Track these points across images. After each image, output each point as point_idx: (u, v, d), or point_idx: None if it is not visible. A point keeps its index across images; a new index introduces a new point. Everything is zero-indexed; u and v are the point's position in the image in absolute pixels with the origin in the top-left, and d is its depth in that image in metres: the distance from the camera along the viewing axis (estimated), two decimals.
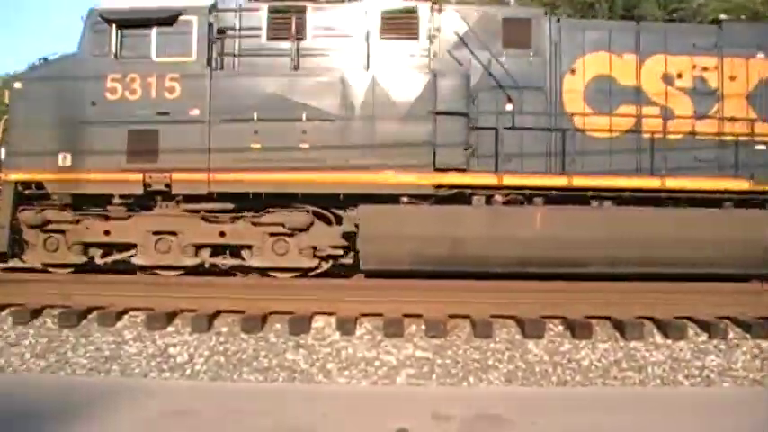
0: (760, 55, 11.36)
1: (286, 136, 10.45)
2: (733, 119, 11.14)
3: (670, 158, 10.99)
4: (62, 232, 10.97)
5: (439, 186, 10.67)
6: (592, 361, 7.49)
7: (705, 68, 11.32)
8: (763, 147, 11.16)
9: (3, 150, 11.05)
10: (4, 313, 8.61)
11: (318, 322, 8.25)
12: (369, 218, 10.44)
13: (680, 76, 11.30)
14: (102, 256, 11.10)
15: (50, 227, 10.98)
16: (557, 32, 11.33)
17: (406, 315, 8.27)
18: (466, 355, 7.55)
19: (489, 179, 10.68)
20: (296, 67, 10.80)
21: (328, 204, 10.84)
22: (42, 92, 10.69)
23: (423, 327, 8.08)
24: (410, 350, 7.71)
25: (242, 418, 5.72)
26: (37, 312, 8.54)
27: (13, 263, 11.26)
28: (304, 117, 10.49)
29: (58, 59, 11.12)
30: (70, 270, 10.89)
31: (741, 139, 11.11)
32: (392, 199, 10.53)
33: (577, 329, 7.90)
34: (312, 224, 10.96)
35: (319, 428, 5.50)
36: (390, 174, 10.46)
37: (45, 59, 11.18)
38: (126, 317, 8.47)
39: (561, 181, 10.72)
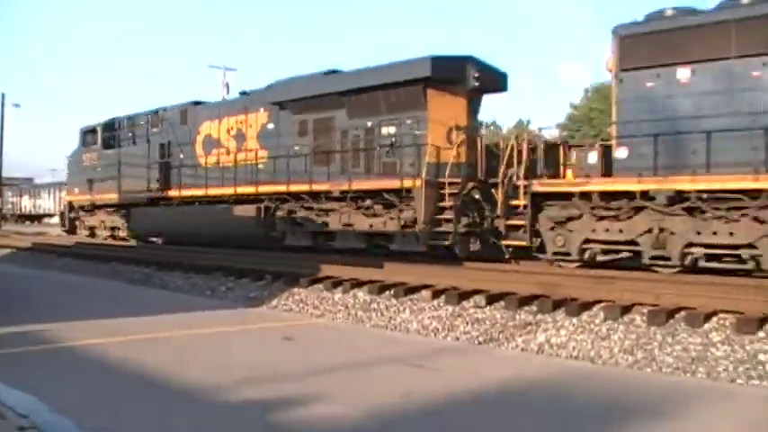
0: (261, 109, 22.14)
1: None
2: (250, 150, 22.22)
3: (236, 178, 22.25)
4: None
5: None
6: None
7: (241, 122, 22.92)
8: (265, 163, 21.83)
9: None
10: (596, 308, 10.60)
11: None
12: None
13: (232, 128, 23.33)
14: None
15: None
16: (196, 114, 25.16)
17: None
18: None
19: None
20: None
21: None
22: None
23: None
24: None
25: None
26: (627, 309, 10.24)
27: None
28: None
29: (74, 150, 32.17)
30: None
31: (254, 162, 21.91)
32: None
33: None
34: None
35: None
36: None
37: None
38: (715, 319, 9.45)
39: (174, 193, 25.26)
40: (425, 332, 11.02)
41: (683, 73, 13.63)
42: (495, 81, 18.59)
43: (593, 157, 14.96)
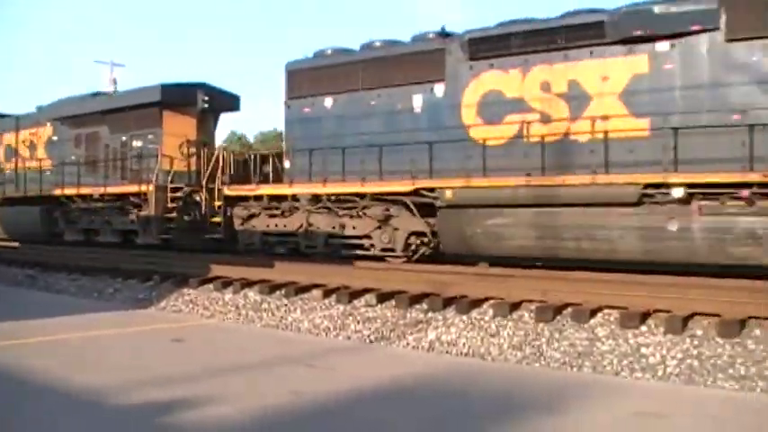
0: (48, 124, 24.73)
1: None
2: (40, 159, 24.78)
3: (26, 183, 25.15)
4: None
5: None
6: None
7: (33, 134, 25.49)
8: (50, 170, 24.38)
9: None
10: (485, 306, 10.66)
11: None
12: None
13: (26, 140, 25.83)
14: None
15: None
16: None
17: None
18: None
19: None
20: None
21: None
22: None
23: None
24: None
25: (716, 424, 6.09)
26: (516, 306, 10.32)
27: None
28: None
29: None
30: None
31: (42, 169, 24.51)
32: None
33: None
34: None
35: None
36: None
37: None
38: (600, 314, 9.60)
39: None
40: (317, 331, 10.83)
41: (328, 101, 17.19)
42: (227, 103, 22.60)
43: (286, 165, 18.18)
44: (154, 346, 9.34)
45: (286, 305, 12.10)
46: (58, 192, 23.20)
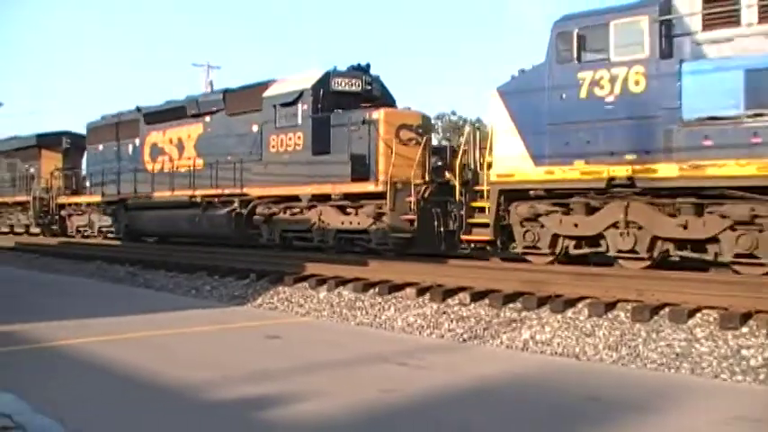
0: None
1: None
2: None
3: None
4: None
5: None
6: None
7: None
8: None
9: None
10: (580, 305, 10.61)
11: None
12: None
13: None
14: None
15: None
16: None
17: None
18: None
19: None
20: None
21: None
22: None
23: None
24: None
25: None
26: (611, 305, 10.24)
27: None
28: None
29: None
30: None
31: None
32: None
33: None
34: None
35: None
36: None
37: None
38: (698, 315, 9.44)
39: None
40: (410, 330, 10.95)
41: (101, 147, 29.72)
42: (84, 143, 32.33)
43: (87, 183, 31.80)
44: (249, 343, 9.61)
45: (380, 303, 12.25)
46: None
